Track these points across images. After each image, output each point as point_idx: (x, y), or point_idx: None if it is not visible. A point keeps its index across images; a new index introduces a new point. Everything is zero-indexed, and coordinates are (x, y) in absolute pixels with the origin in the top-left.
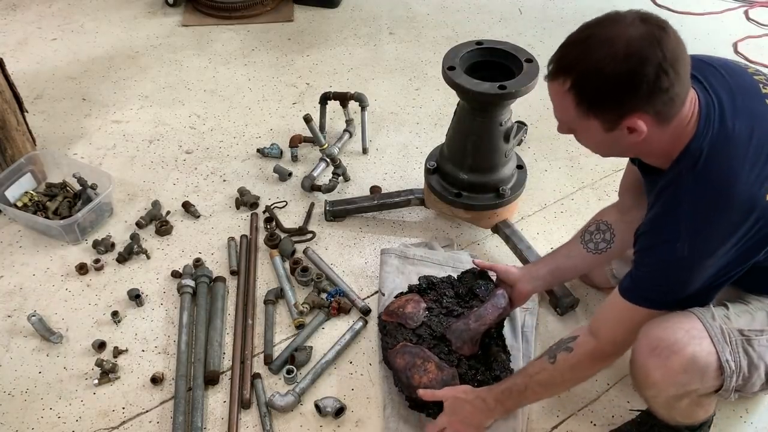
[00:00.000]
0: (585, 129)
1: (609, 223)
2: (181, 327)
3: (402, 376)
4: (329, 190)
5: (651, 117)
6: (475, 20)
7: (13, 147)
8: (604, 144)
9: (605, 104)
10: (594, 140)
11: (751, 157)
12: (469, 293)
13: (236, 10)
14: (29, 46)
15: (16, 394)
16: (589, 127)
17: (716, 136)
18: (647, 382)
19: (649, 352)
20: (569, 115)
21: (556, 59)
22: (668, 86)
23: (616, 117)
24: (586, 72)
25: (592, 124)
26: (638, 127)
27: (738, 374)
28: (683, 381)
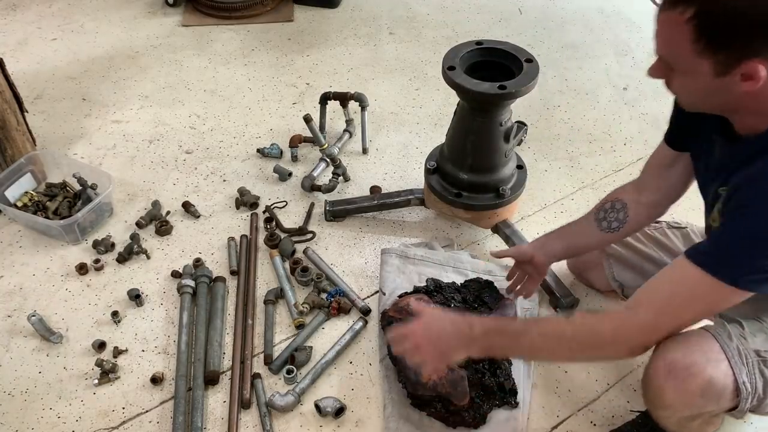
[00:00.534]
0: (691, 71)
1: (624, 202)
2: (181, 327)
3: (410, 372)
4: (329, 190)
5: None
6: (475, 20)
7: (13, 147)
8: (705, 92)
9: (729, 42)
10: (695, 86)
11: None
12: (476, 300)
13: (236, 10)
14: (29, 46)
15: (16, 394)
16: (697, 68)
17: None
18: (662, 403)
19: (666, 373)
20: (678, 52)
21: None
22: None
23: (736, 59)
24: (714, 3)
25: (702, 66)
26: (757, 74)
27: (754, 396)
28: (699, 404)
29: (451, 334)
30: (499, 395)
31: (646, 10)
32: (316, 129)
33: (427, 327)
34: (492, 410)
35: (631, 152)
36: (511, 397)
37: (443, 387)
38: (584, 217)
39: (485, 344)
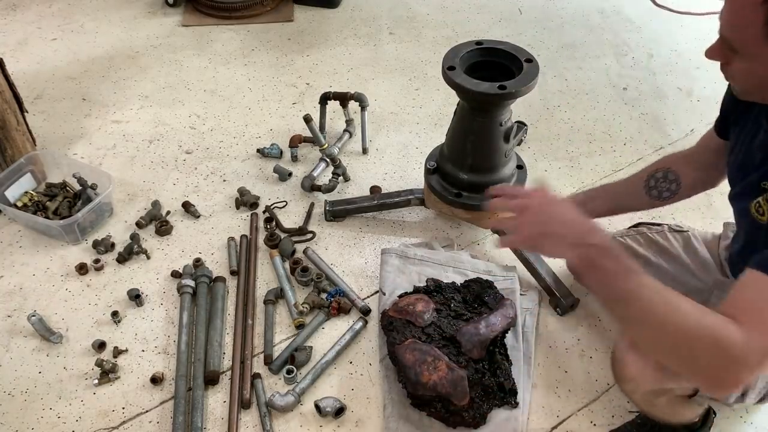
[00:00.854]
0: (756, 55)
1: (677, 173)
2: (181, 327)
3: (410, 372)
4: (329, 190)
5: None
6: (475, 20)
7: (13, 147)
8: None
9: None
10: (757, 72)
11: None
12: (476, 300)
13: (236, 10)
14: (29, 46)
15: (16, 394)
16: (763, 53)
17: None
18: (624, 376)
19: (628, 346)
20: (747, 35)
21: None
22: None
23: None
24: None
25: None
26: None
27: None
28: (659, 378)
29: (567, 223)
30: (499, 395)
31: (646, 10)
32: (316, 129)
33: (547, 202)
34: (492, 410)
35: (631, 152)
36: (511, 397)
37: (443, 387)
38: (631, 181)
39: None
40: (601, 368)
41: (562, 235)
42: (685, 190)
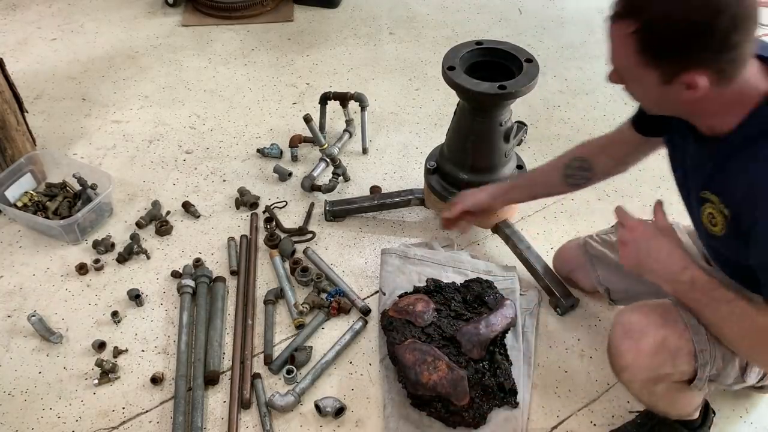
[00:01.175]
0: (639, 79)
1: (591, 163)
2: (181, 327)
3: (410, 372)
4: (329, 190)
5: (712, 74)
6: (475, 20)
7: (13, 147)
8: (656, 98)
9: (669, 54)
10: (645, 92)
11: None
12: (476, 300)
13: (236, 10)
14: (29, 46)
15: (16, 394)
16: (644, 77)
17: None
18: (620, 364)
19: (622, 335)
20: (626, 62)
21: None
22: (737, 43)
23: (677, 69)
24: (656, 17)
25: (648, 75)
26: (697, 84)
27: (712, 365)
28: (654, 364)
29: (662, 260)
30: (499, 395)
31: None
32: (316, 129)
33: (647, 236)
34: (492, 410)
35: None
36: (511, 397)
37: (443, 387)
38: (548, 170)
39: (684, 292)
40: (601, 368)
41: (656, 271)
42: (597, 177)
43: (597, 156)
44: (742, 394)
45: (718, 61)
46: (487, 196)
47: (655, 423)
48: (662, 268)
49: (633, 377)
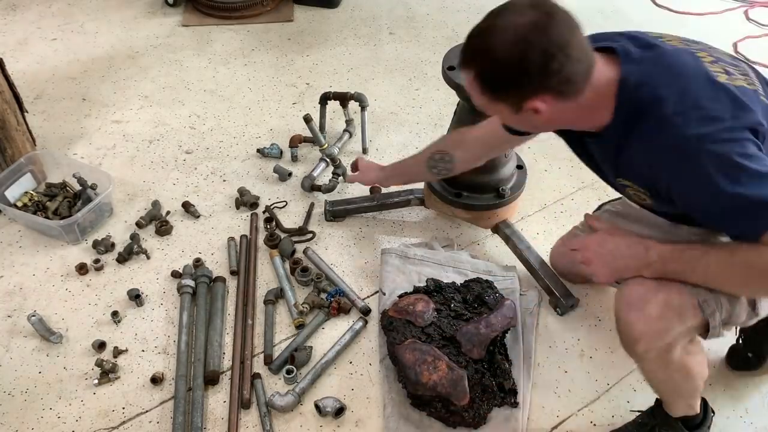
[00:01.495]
0: (497, 112)
1: (452, 156)
2: (181, 327)
3: (410, 372)
4: (329, 190)
5: (552, 97)
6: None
7: (13, 147)
8: (521, 124)
9: (505, 91)
10: (509, 121)
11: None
12: (476, 300)
13: (236, 10)
14: (29, 46)
15: (16, 394)
16: (500, 110)
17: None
18: (633, 336)
19: (627, 308)
20: (480, 101)
21: (462, 51)
22: (558, 68)
23: (518, 100)
24: (484, 61)
25: (501, 108)
26: (539, 108)
27: (720, 310)
28: (664, 325)
29: (627, 255)
30: (499, 395)
31: (647, 10)
32: (316, 129)
33: (601, 243)
34: (492, 410)
35: None
36: (511, 397)
37: (443, 387)
38: (417, 161)
39: (660, 270)
40: (601, 368)
41: (628, 266)
42: (459, 168)
43: (455, 150)
44: (742, 394)
45: (549, 85)
46: (377, 177)
47: (656, 423)
48: (631, 261)
49: (648, 346)
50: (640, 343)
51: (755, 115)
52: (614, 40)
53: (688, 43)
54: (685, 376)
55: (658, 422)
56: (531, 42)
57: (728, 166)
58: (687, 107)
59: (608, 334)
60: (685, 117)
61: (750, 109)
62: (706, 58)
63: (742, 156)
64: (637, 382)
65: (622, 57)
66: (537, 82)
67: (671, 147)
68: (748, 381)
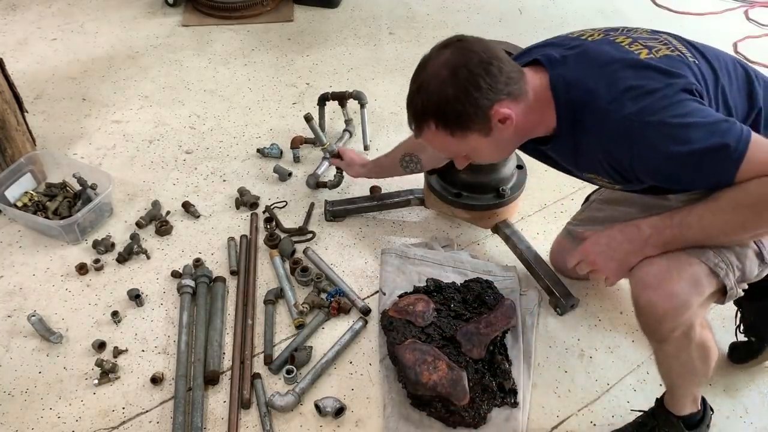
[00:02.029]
0: (473, 147)
1: (419, 156)
2: (181, 327)
3: (410, 372)
4: (335, 186)
5: (507, 100)
6: (475, 20)
7: (13, 147)
8: (495, 147)
9: (469, 117)
10: (485, 150)
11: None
12: (476, 300)
13: (236, 10)
14: (29, 46)
15: (16, 394)
16: (473, 143)
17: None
18: (657, 315)
19: (643, 290)
20: (453, 147)
21: (411, 115)
22: (498, 70)
23: (484, 119)
24: (437, 107)
25: (474, 139)
26: (505, 114)
27: (732, 269)
28: (684, 298)
29: (623, 241)
30: (499, 395)
31: (647, 10)
32: (317, 128)
33: (595, 242)
34: (492, 410)
35: None
36: (511, 397)
37: (443, 387)
38: (391, 159)
39: (659, 241)
40: (601, 368)
41: (630, 251)
42: (428, 167)
43: (422, 153)
44: (742, 393)
45: (500, 90)
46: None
47: (656, 423)
48: (630, 245)
49: (674, 323)
50: (665, 322)
51: (686, 78)
52: (534, 52)
53: (608, 33)
54: (703, 354)
55: (658, 422)
56: (464, 64)
57: (673, 129)
58: (619, 92)
59: (608, 334)
60: (621, 101)
61: (678, 74)
62: (624, 42)
63: (683, 116)
64: (637, 382)
65: (546, 64)
66: (489, 91)
67: (616, 132)
68: (749, 381)
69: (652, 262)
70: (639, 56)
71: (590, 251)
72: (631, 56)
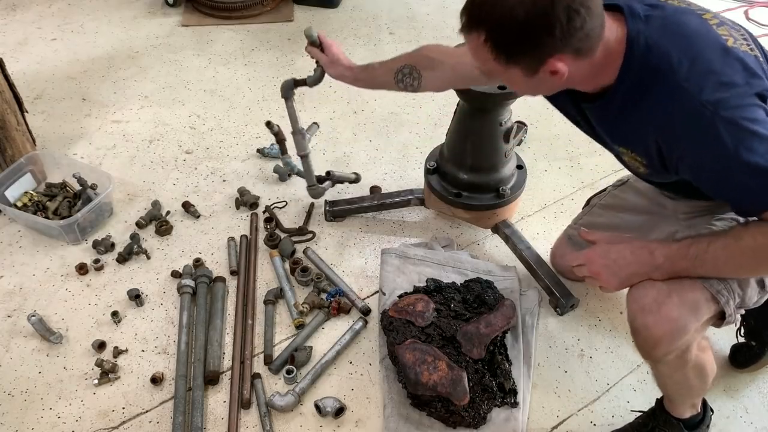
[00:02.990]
0: (508, 77)
1: (420, 73)
2: (180, 327)
3: (410, 372)
4: (315, 82)
5: (570, 56)
6: None
7: (13, 147)
8: (530, 88)
9: (522, 52)
10: (519, 86)
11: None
12: (476, 300)
13: (236, 10)
14: (29, 46)
15: (16, 394)
16: (511, 75)
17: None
18: (652, 339)
19: (642, 313)
20: (489, 66)
21: (468, 12)
22: (581, 24)
23: (536, 63)
24: (498, 22)
25: (513, 72)
26: (559, 69)
27: (733, 296)
28: (682, 324)
29: (633, 263)
30: (499, 395)
31: None
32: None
33: (604, 254)
34: (492, 410)
35: None
36: (511, 397)
37: (443, 387)
38: (386, 70)
39: (669, 270)
40: (601, 368)
41: (636, 273)
42: (422, 90)
43: (426, 70)
44: (742, 394)
45: (570, 44)
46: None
47: (656, 424)
48: (639, 267)
49: (668, 348)
50: (660, 347)
51: (764, 82)
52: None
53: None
54: (699, 374)
55: (658, 422)
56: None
57: (742, 133)
58: (701, 73)
59: (608, 334)
60: (700, 83)
61: (759, 75)
62: (712, 21)
63: (752, 121)
64: (637, 382)
65: (628, 15)
66: (559, 40)
67: (686, 114)
68: (749, 381)
69: (653, 284)
70: (726, 42)
71: (596, 261)
72: (719, 39)
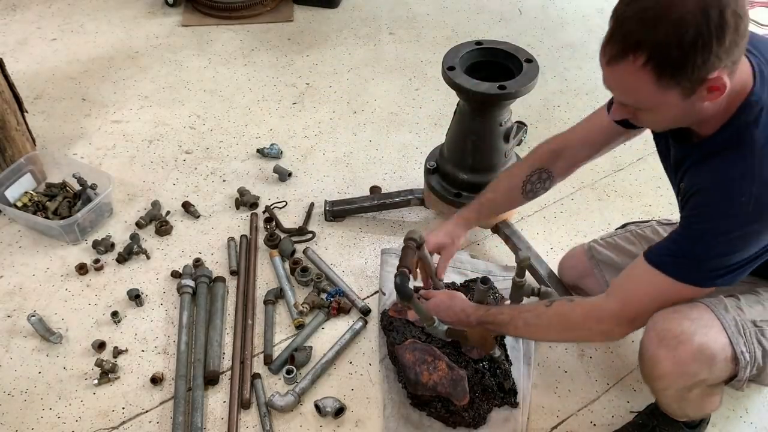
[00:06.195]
0: (661, 104)
1: (551, 172)
2: (180, 327)
3: (410, 372)
4: None
5: (728, 70)
6: (475, 20)
7: (13, 147)
8: (675, 118)
9: (690, 69)
10: (665, 116)
11: None
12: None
13: (236, 10)
14: (29, 46)
15: (16, 394)
16: (664, 101)
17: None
18: (656, 373)
19: (657, 342)
20: (644, 94)
21: (621, 37)
22: (744, 31)
23: (701, 77)
24: (664, 39)
25: (669, 97)
26: (721, 84)
27: (753, 365)
28: (692, 371)
29: (452, 315)
30: (499, 395)
31: None
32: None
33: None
34: (492, 410)
35: (630, 152)
36: (511, 397)
37: (443, 387)
38: (509, 190)
39: (482, 328)
40: (601, 368)
41: (453, 321)
42: (557, 182)
43: (553, 163)
44: (742, 394)
45: (732, 54)
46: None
47: (656, 424)
48: (455, 319)
49: (669, 385)
50: (661, 381)
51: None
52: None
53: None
54: (697, 410)
55: (658, 422)
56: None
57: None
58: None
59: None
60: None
61: None
62: None
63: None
64: (637, 382)
65: (758, 76)
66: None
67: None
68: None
69: (681, 318)
70: None
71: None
72: None
